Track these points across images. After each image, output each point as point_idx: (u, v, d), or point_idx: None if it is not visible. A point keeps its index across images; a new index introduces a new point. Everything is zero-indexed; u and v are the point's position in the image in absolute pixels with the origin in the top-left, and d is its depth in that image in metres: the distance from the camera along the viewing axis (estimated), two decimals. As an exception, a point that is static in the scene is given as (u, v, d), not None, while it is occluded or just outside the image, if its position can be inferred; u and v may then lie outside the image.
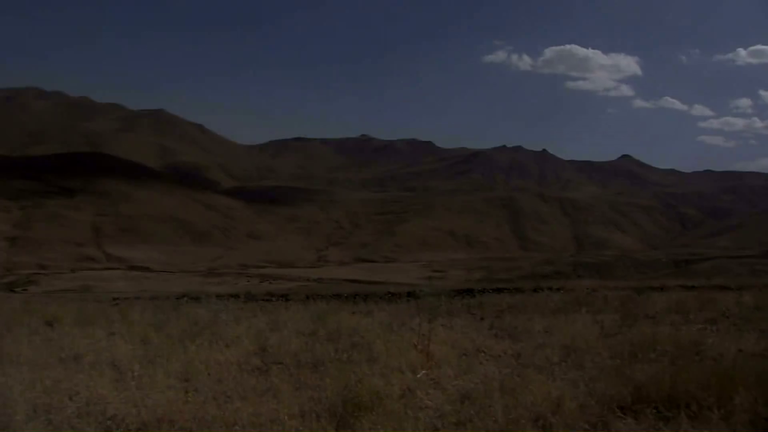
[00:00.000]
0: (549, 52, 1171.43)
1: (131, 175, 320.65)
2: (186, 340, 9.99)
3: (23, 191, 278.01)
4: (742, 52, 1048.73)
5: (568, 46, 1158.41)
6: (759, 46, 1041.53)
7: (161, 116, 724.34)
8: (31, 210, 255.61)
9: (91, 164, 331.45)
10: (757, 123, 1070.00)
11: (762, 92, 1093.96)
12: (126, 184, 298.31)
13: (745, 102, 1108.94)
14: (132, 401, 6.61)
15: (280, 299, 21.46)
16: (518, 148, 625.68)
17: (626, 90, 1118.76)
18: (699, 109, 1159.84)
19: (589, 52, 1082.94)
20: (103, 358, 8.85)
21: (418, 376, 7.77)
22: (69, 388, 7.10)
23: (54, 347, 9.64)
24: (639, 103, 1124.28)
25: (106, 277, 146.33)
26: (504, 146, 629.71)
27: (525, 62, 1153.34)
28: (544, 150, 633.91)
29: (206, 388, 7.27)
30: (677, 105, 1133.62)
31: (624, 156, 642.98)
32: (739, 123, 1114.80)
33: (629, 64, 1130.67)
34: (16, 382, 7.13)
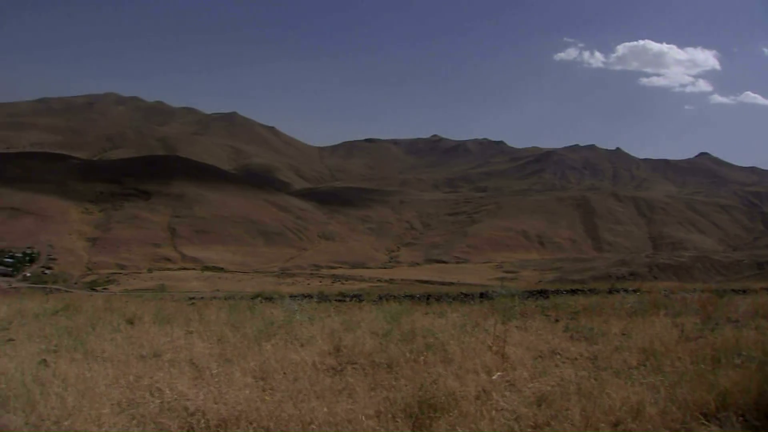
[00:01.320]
0: (622, 48, 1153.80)
1: (205, 178, 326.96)
2: (262, 340, 10.11)
3: (103, 194, 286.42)
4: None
5: (641, 42, 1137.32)
6: None
7: (234, 119, 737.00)
8: (111, 212, 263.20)
9: (166, 167, 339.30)
10: None
11: None
12: (200, 186, 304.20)
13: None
14: (211, 398, 6.73)
15: (352, 300, 21.49)
16: (591, 147, 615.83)
17: (704, 85, 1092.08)
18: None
19: (664, 47, 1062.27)
20: (182, 356, 9.02)
21: (494, 377, 7.69)
22: (150, 384, 7.27)
23: (135, 344, 9.85)
24: (717, 98, 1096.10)
25: (182, 277, 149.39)
26: (576, 145, 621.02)
27: (597, 59, 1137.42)
28: (618, 148, 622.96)
29: (282, 386, 7.34)
30: (759, 100, 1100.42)
31: (702, 154, 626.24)
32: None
33: (707, 58, 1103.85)
34: (101, 377, 7.35)
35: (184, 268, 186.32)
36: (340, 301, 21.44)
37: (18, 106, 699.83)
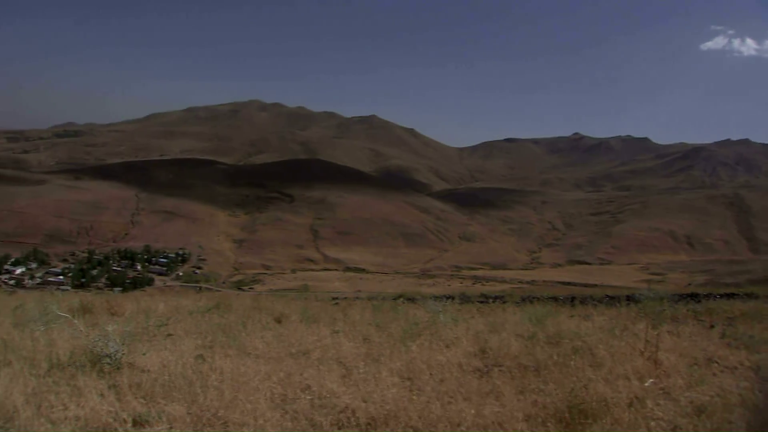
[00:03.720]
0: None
1: (346, 180, 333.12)
2: (407, 340, 10.12)
3: (248, 197, 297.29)
4: None
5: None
6: None
7: (374, 122, 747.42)
8: (256, 215, 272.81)
9: (308, 170, 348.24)
10: None
11: None
12: (341, 188, 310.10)
13: None
14: (360, 397, 6.80)
15: (495, 301, 21.28)
16: (745, 141, 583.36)
17: None
18: None
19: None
20: (330, 355, 9.17)
21: (646, 384, 7.39)
22: (300, 381, 7.43)
23: (284, 342, 10.09)
24: None
25: (324, 278, 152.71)
26: (728, 140, 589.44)
27: (749, 47, 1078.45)
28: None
29: (429, 387, 7.32)
30: None
31: None
32: None
33: None
34: (254, 372, 7.58)
35: (327, 269, 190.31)
36: (482, 302, 21.29)
37: (169, 116, 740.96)
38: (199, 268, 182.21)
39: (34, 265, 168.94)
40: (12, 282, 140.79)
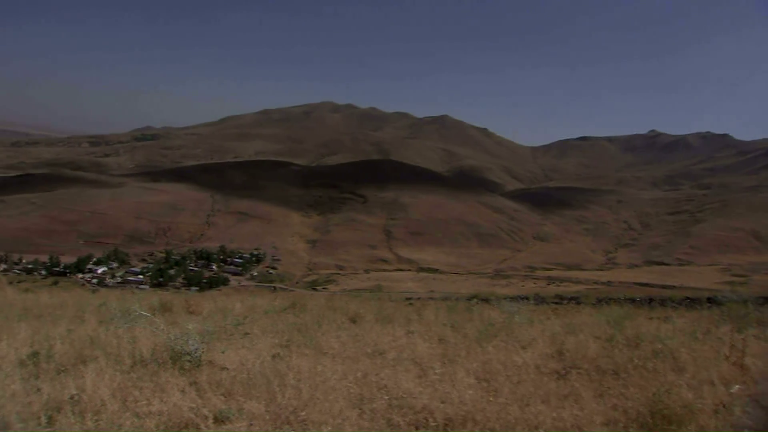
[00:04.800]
0: None
1: (418, 180, 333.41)
2: (482, 341, 10.07)
3: (321, 198, 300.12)
4: None
5: None
6: None
7: (446, 122, 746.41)
8: (329, 215, 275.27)
9: (381, 171, 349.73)
10: None
11: None
12: (414, 188, 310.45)
13: None
14: (437, 397, 6.77)
15: (570, 302, 21.03)
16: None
17: None
18: None
19: None
20: (405, 355, 9.17)
21: (733, 390, 7.14)
22: (377, 381, 7.43)
23: (359, 342, 10.13)
24: None
25: (397, 278, 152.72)
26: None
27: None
28: None
29: (506, 389, 7.24)
30: None
31: None
32: None
33: None
34: (330, 372, 7.64)
35: (400, 269, 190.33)
36: (557, 303, 21.10)
37: (243, 118, 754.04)
38: (273, 268, 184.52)
39: (114, 265, 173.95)
40: (95, 281, 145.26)
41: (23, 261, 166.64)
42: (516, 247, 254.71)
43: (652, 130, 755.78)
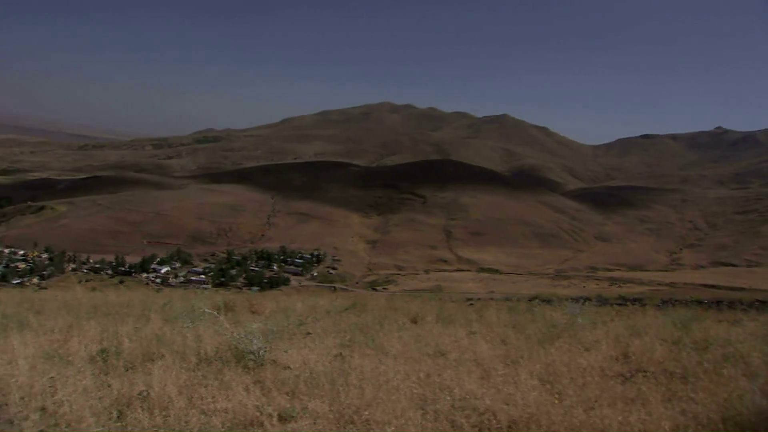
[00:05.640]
0: None
1: (478, 180, 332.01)
2: (545, 342, 9.95)
3: (381, 198, 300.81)
4: None
5: None
6: None
7: (505, 121, 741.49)
8: (389, 216, 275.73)
9: (440, 171, 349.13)
10: None
11: None
12: (473, 188, 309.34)
13: None
14: (500, 399, 6.71)
15: (634, 303, 20.68)
16: None
17: None
18: None
19: None
20: (467, 356, 9.11)
21: (808, 397, 6.94)
22: (440, 382, 7.40)
23: (421, 343, 10.09)
24: None
25: (457, 278, 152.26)
26: None
27: None
28: None
29: (570, 391, 7.14)
30: None
31: None
32: None
33: None
34: (393, 372, 7.64)
35: (460, 270, 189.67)
36: (620, 305, 20.77)
37: (303, 119, 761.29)
38: (333, 268, 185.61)
39: (177, 265, 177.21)
40: (158, 280, 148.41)
41: (90, 260, 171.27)
42: (577, 247, 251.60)
43: (719, 127, 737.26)
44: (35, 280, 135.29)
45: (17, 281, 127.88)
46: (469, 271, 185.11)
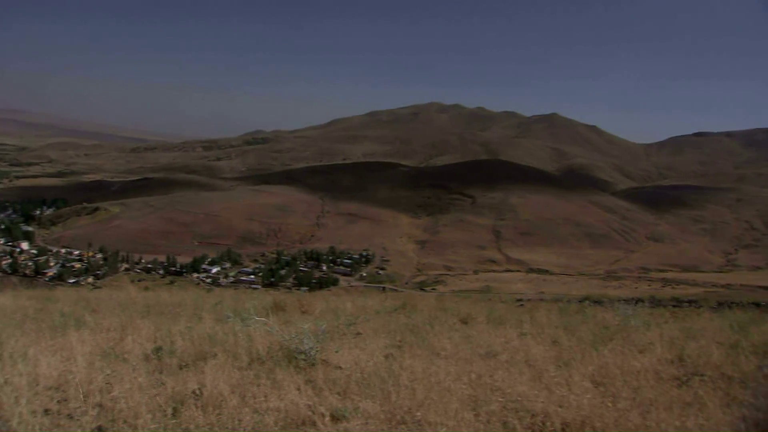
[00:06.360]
0: None
1: (528, 180, 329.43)
2: (597, 344, 9.82)
3: (430, 199, 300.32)
4: None
5: None
6: None
7: (554, 120, 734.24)
8: (438, 216, 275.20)
9: (489, 171, 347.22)
10: None
11: None
12: (523, 188, 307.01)
13: None
14: (553, 401, 6.65)
15: (689, 305, 20.30)
16: None
17: None
18: None
19: None
20: (519, 357, 9.05)
21: None
22: (491, 383, 7.36)
23: (472, 343, 10.05)
24: None
25: (506, 279, 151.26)
26: None
27: None
28: None
29: (624, 394, 7.05)
30: None
31: None
32: None
33: None
34: (444, 373, 7.62)
35: (509, 270, 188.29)
36: (674, 306, 20.43)
37: (351, 120, 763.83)
38: (382, 269, 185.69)
39: (228, 265, 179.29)
40: (209, 280, 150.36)
41: (143, 260, 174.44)
42: (629, 247, 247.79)
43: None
44: (90, 279, 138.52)
45: (73, 280, 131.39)
46: (518, 271, 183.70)
